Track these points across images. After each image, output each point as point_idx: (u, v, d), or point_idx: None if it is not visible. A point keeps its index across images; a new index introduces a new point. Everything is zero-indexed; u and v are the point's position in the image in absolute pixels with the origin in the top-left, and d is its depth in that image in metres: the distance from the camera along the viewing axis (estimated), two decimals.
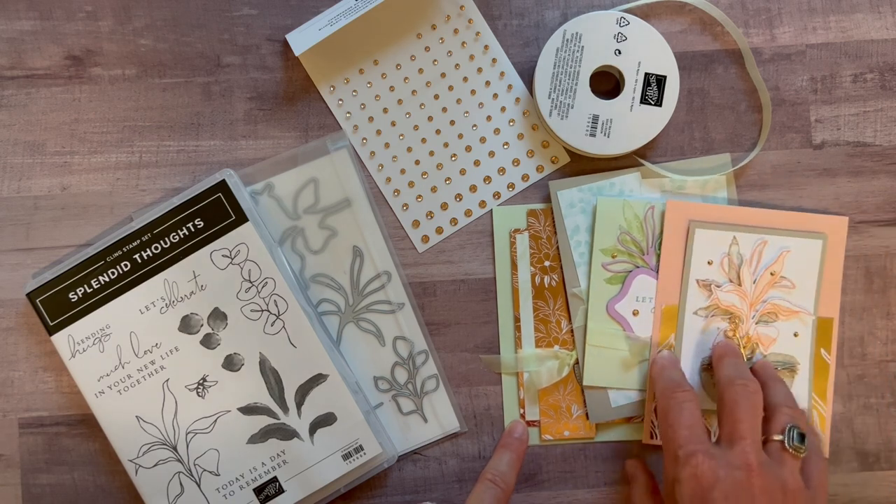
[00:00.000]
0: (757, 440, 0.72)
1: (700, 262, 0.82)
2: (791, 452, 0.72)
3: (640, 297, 0.83)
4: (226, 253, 0.80)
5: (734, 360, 0.79)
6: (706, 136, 0.84)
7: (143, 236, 0.80)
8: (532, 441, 0.84)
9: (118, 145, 0.84)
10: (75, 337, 0.80)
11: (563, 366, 0.83)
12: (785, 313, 0.82)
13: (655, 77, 0.81)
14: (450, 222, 0.84)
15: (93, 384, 0.80)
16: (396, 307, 0.84)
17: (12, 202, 0.83)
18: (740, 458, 0.71)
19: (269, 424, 0.81)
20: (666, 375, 0.78)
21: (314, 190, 0.83)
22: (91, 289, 0.80)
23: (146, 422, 0.80)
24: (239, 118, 0.84)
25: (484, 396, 0.84)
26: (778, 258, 0.82)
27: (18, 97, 0.84)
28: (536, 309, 0.84)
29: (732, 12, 0.84)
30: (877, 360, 0.84)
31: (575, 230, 0.83)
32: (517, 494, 0.84)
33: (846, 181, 0.84)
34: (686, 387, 0.76)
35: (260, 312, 0.80)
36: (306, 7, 0.84)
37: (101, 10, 0.84)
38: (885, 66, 0.84)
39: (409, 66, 0.85)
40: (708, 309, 0.82)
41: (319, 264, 0.83)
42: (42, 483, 0.83)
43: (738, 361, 0.79)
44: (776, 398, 0.77)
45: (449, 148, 0.84)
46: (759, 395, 0.75)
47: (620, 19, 0.81)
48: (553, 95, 0.81)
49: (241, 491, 0.80)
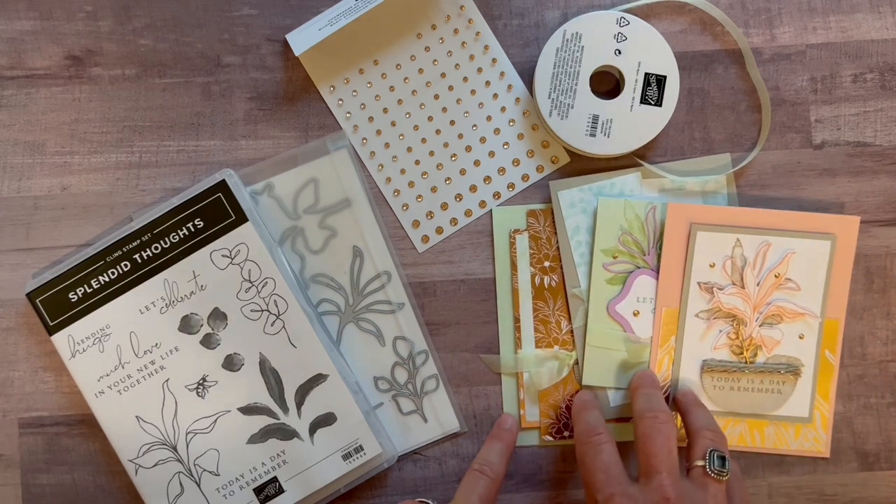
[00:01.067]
0: (673, 471, 0.72)
1: (702, 264, 0.82)
2: (713, 477, 0.72)
3: (641, 297, 0.83)
4: (226, 253, 0.80)
5: (646, 391, 0.79)
6: (706, 136, 0.84)
7: (143, 236, 0.80)
8: (532, 442, 0.84)
9: (118, 145, 0.84)
10: (75, 337, 0.80)
11: (562, 366, 0.83)
12: (790, 316, 0.82)
13: (655, 77, 0.81)
14: (450, 222, 0.84)
15: (93, 384, 0.80)
16: (396, 307, 0.84)
17: (12, 202, 0.83)
18: (658, 494, 0.70)
19: (269, 424, 0.81)
20: (582, 419, 0.78)
21: (314, 190, 0.83)
22: (91, 289, 0.80)
23: (146, 422, 0.80)
24: (239, 118, 0.84)
25: (484, 396, 0.84)
26: (782, 260, 0.82)
27: (18, 97, 0.84)
28: (536, 309, 0.84)
29: (732, 12, 0.84)
30: (877, 360, 0.84)
31: (575, 230, 0.83)
32: (517, 495, 0.84)
33: (846, 181, 0.84)
34: (600, 429, 0.76)
35: (260, 312, 0.80)
36: (306, 7, 0.84)
37: (101, 10, 0.84)
38: (885, 66, 0.84)
39: (409, 66, 0.85)
40: (709, 312, 0.82)
41: (319, 264, 0.83)
42: (42, 483, 0.83)
43: (651, 392, 0.79)
44: (696, 423, 0.77)
45: (449, 148, 0.84)
46: (669, 425, 0.74)
47: (620, 19, 0.81)
48: (553, 95, 0.81)
49: (241, 491, 0.80)
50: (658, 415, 0.75)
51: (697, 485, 0.72)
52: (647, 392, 0.79)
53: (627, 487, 0.71)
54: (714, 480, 0.72)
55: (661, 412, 0.75)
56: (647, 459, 0.73)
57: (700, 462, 0.73)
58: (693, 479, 0.73)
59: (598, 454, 0.74)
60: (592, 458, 0.74)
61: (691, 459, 0.74)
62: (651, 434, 0.74)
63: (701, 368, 0.82)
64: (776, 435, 0.83)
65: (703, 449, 0.74)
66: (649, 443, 0.73)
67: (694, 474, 0.73)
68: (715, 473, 0.72)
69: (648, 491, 0.71)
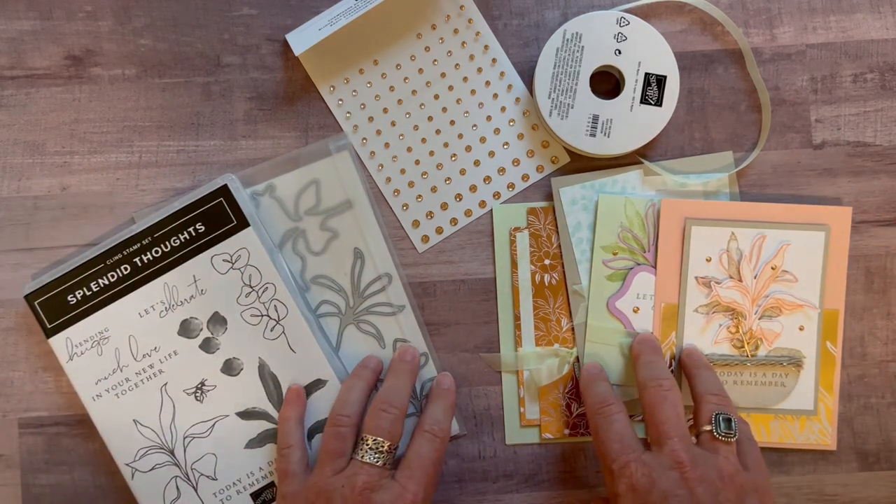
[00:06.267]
0: (684, 436, 0.73)
1: (698, 259, 0.82)
2: (721, 440, 0.73)
3: (641, 294, 0.83)
4: (226, 257, 0.80)
5: (648, 359, 0.79)
6: (706, 136, 0.84)
7: (143, 240, 0.80)
8: (532, 440, 0.84)
9: (118, 145, 0.84)
10: (73, 340, 0.80)
11: (563, 363, 0.83)
12: (788, 307, 0.82)
13: (655, 77, 0.81)
14: (450, 222, 0.84)
15: (90, 387, 0.80)
16: (397, 309, 0.84)
17: (12, 202, 0.83)
18: (671, 458, 0.71)
19: (268, 429, 0.81)
20: (592, 391, 0.79)
21: (316, 191, 0.83)
22: (90, 292, 0.80)
23: (143, 425, 0.80)
24: (239, 118, 0.84)
25: (484, 396, 0.84)
26: (778, 252, 0.82)
27: (18, 97, 0.83)
28: (536, 307, 0.84)
29: (732, 12, 0.84)
30: (877, 360, 0.84)
31: (577, 227, 0.83)
32: (517, 495, 0.84)
33: (846, 181, 0.84)
34: (611, 399, 0.77)
35: (260, 317, 0.80)
36: (306, 7, 0.84)
37: (101, 10, 0.84)
38: (886, 66, 0.84)
39: (409, 66, 0.85)
40: (708, 306, 0.82)
41: (320, 266, 0.83)
42: (42, 483, 0.83)
43: (653, 360, 0.79)
44: (701, 387, 0.78)
45: (449, 148, 0.84)
46: (674, 391, 0.75)
47: (620, 19, 0.81)
48: (553, 95, 0.81)
49: (239, 496, 0.81)
50: (662, 382, 0.76)
51: (708, 449, 0.73)
52: (649, 360, 0.79)
53: (642, 454, 0.73)
54: (723, 443, 0.73)
55: (664, 379, 0.76)
56: (657, 427, 0.74)
57: (707, 427, 0.74)
58: (703, 443, 0.74)
59: (611, 424, 0.75)
60: (606, 429, 0.75)
61: (698, 426, 0.75)
62: (657, 402, 0.75)
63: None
64: (781, 429, 0.83)
65: (708, 414, 0.75)
66: (657, 411, 0.74)
67: (703, 439, 0.74)
68: (722, 436, 0.73)
69: (662, 456, 0.72)
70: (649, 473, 0.71)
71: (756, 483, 0.72)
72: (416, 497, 0.74)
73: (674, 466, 0.71)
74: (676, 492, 0.70)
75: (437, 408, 0.80)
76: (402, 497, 0.73)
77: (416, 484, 0.74)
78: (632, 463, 0.72)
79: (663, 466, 0.71)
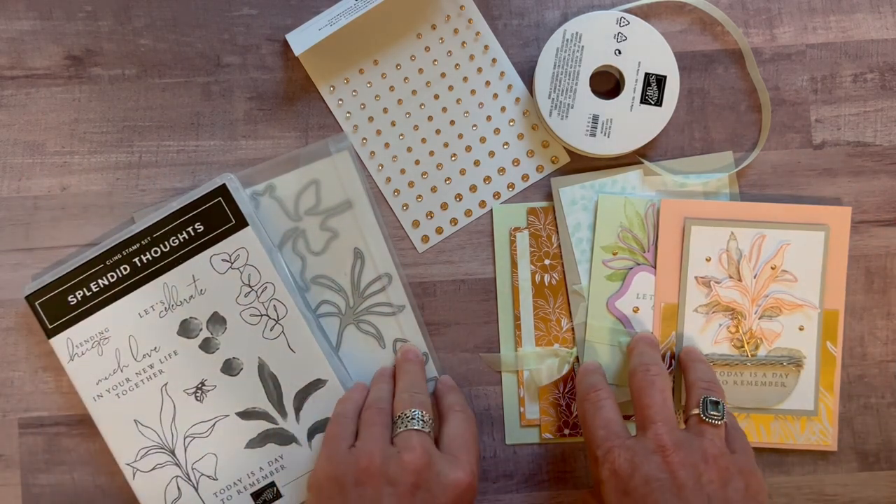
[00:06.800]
0: (669, 420, 0.73)
1: (698, 259, 0.82)
2: (709, 422, 0.73)
3: (641, 294, 0.83)
4: (226, 257, 0.80)
5: (640, 348, 0.80)
6: (706, 136, 0.84)
7: (142, 240, 0.80)
8: (532, 440, 0.84)
9: (118, 145, 0.84)
10: (74, 340, 0.80)
11: (563, 363, 0.83)
12: (788, 307, 0.82)
13: (655, 77, 0.81)
14: (450, 222, 0.84)
15: (91, 387, 0.80)
16: (397, 309, 0.84)
17: (12, 202, 0.83)
18: (654, 442, 0.71)
19: (268, 429, 0.81)
20: (584, 381, 0.79)
21: (316, 191, 0.83)
22: (90, 292, 0.80)
23: (144, 425, 0.80)
24: (239, 118, 0.84)
25: (484, 396, 0.84)
26: (777, 252, 0.82)
27: (18, 97, 0.83)
28: (536, 307, 0.84)
29: (732, 12, 0.84)
30: (877, 360, 0.84)
31: (576, 227, 0.83)
32: (517, 495, 0.84)
33: (846, 181, 0.84)
34: (600, 386, 0.77)
35: (259, 317, 0.80)
36: (306, 7, 0.84)
37: (101, 10, 0.84)
38: (886, 66, 0.84)
39: (409, 66, 0.85)
40: (708, 306, 0.82)
41: (320, 266, 0.83)
42: (42, 483, 0.83)
43: (645, 349, 0.79)
44: (693, 376, 0.78)
45: (449, 148, 0.84)
46: (662, 376, 0.75)
47: (620, 19, 0.81)
48: (553, 95, 0.81)
49: (239, 496, 0.81)
50: (650, 367, 0.76)
51: (694, 432, 0.73)
52: (641, 350, 0.79)
53: (626, 440, 0.72)
54: (710, 426, 0.73)
55: (652, 365, 0.76)
56: (643, 411, 0.74)
57: (695, 410, 0.74)
58: (690, 427, 0.74)
59: (598, 410, 0.75)
60: (593, 415, 0.75)
61: (687, 410, 0.75)
62: (643, 386, 0.75)
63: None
64: (782, 429, 0.83)
65: (697, 398, 0.75)
66: (643, 395, 0.74)
67: (690, 423, 0.74)
68: (709, 418, 0.73)
69: (645, 441, 0.72)
70: (632, 458, 0.71)
71: (741, 465, 0.72)
72: (473, 468, 0.74)
73: (656, 451, 0.71)
74: (658, 476, 0.70)
75: (451, 397, 0.81)
76: (461, 467, 0.73)
77: (468, 454, 0.75)
78: (615, 448, 0.72)
79: (646, 451, 0.71)
